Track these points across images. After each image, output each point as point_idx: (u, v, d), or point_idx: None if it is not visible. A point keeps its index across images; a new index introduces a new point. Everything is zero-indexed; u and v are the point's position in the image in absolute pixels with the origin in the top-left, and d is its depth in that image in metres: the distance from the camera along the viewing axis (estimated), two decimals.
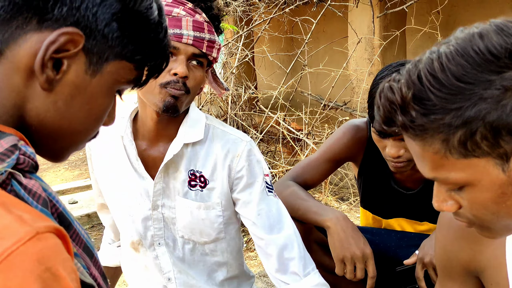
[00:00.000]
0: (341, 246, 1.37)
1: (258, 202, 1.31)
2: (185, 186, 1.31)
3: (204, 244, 1.36)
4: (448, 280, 0.97)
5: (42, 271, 0.50)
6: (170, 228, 1.35)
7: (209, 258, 1.39)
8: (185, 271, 1.38)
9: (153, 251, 1.38)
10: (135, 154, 1.31)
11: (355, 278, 1.39)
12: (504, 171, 0.64)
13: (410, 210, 1.62)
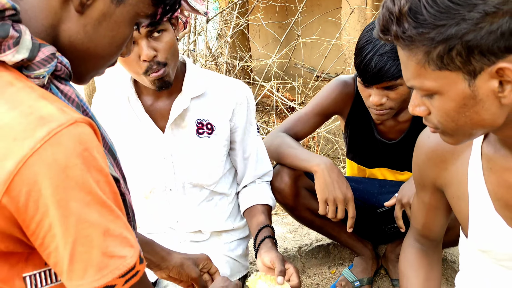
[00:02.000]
0: (326, 189, 1.51)
1: (251, 141, 1.50)
2: (194, 134, 1.44)
3: (211, 185, 1.50)
4: (421, 191, 1.11)
5: (82, 150, 0.63)
6: (180, 175, 1.47)
7: (215, 197, 1.53)
8: (192, 213, 1.52)
9: (163, 197, 1.50)
10: (142, 110, 1.42)
11: (336, 218, 1.53)
12: (469, 86, 0.76)
13: (392, 160, 1.76)
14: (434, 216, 1.14)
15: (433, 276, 1.16)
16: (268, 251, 1.33)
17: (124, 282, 0.68)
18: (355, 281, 1.81)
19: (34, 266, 0.71)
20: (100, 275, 0.66)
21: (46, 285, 0.72)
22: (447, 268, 1.85)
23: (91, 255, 0.65)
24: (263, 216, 1.46)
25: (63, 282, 0.67)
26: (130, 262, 0.68)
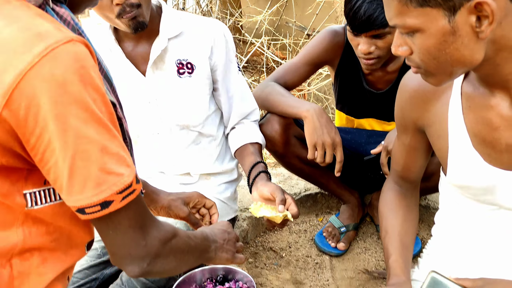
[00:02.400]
0: (314, 134, 1.54)
1: (234, 79, 1.53)
2: (175, 75, 1.46)
3: (198, 126, 1.53)
4: (403, 134, 1.15)
5: (79, 67, 0.65)
6: (166, 118, 1.50)
7: (202, 140, 1.56)
8: (180, 156, 1.55)
9: (152, 140, 1.54)
10: (123, 56, 1.45)
11: (324, 163, 1.57)
12: (449, 22, 0.79)
13: (380, 110, 1.80)
14: (414, 157, 1.19)
15: (411, 217, 1.22)
16: (266, 183, 1.38)
17: (121, 198, 0.71)
18: (341, 227, 1.88)
19: (34, 184, 0.74)
20: (99, 190, 0.69)
21: (46, 203, 0.75)
22: (429, 215, 1.93)
23: (90, 170, 0.68)
24: (255, 154, 1.50)
25: (63, 198, 0.71)
26: (127, 180, 0.71)
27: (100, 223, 0.74)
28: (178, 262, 0.87)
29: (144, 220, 0.78)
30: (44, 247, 0.78)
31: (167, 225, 0.85)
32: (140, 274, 0.79)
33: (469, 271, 1.09)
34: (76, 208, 0.71)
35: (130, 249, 0.76)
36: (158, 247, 0.80)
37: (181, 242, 0.87)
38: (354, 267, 1.76)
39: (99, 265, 1.45)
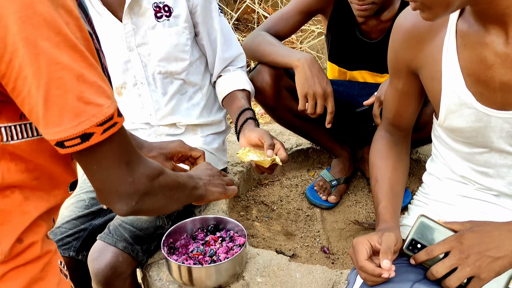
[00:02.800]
0: (306, 83, 1.51)
1: (215, 21, 1.48)
2: (153, 19, 1.42)
3: (181, 73, 1.49)
4: (395, 78, 1.13)
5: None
6: (148, 65, 1.47)
7: (188, 89, 1.53)
8: (165, 106, 1.52)
9: (136, 91, 1.50)
10: (99, 4, 1.40)
11: (315, 114, 1.55)
12: None
13: (373, 61, 1.76)
14: (406, 103, 1.17)
15: (401, 165, 1.21)
16: (253, 129, 1.36)
17: (102, 131, 0.68)
18: (332, 180, 1.88)
19: (9, 118, 0.71)
20: (77, 121, 0.66)
21: (22, 138, 0.72)
22: (420, 168, 1.93)
23: (66, 99, 0.65)
24: (243, 101, 1.47)
25: (41, 132, 0.68)
26: (107, 111, 0.68)
27: (82, 157, 0.71)
28: (168, 199, 0.85)
29: (130, 156, 0.75)
30: (25, 185, 0.75)
31: (154, 162, 0.82)
32: (129, 212, 0.77)
33: (458, 216, 1.09)
34: (55, 142, 0.68)
35: (116, 186, 0.74)
36: (146, 184, 0.77)
37: (169, 179, 0.85)
38: (344, 219, 1.77)
39: (87, 215, 1.43)
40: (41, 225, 0.79)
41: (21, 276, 0.76)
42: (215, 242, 1.35)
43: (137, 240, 1.32)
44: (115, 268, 1.26)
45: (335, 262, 1.56)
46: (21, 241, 0.76)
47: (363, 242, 0.99)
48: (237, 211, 1.82)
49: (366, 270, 0.96)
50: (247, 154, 1.31)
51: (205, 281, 1.25)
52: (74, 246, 1.38)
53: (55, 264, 0.83)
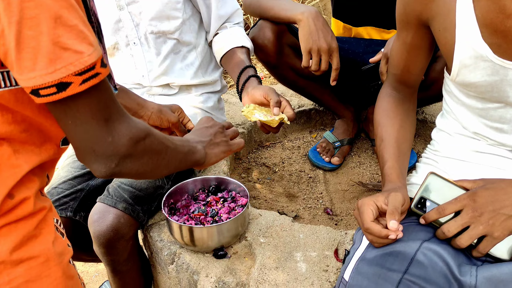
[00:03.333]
0: (310, 38, 1.44)
1: None
2: None
3: (174, 32, 1.42)
4: (404, 31, 1.07)
5: None
6: (140, 25, 1.40)
7: (182, 48, 1.46)
8: (158, 66, 1.46)
9: (129, 51, 1.44)
10: None
11: (319, 71, 1.48)
12: None
13: (379, 17, 1.69)
14: (415, 56, 1.11)
15: (408, 123, 1.16)
16: (257, 86, 1.30)
17: (81, 81, 0.62)
18: (335, 141, 1.83)
19: None
20: (53, 68, 0.60)
21: (5, 87, 0.66)
22: (426, 129, 1.88)
23: (40, 42, 0.59)
24: (242, 57, 1.40)
25: (16, 77, 0.62)
26: (88, 60, 0.62)
27: (57, 109, 0.65)
28: (155, 164, 0.79)
29: (110, 112, 0.68)
30: (14, 137, 0.70)
31: (140, 123, 0.75)
32: (108, 174, 0.71)
33: (471, 172, 1.04)
34: (30, 89, 0.62)
35: (93, 145, 0.68)
36: (128, 146, 0.70)
37: (157, 143, 0.78)
38: (348, 180, 1.73)
39: (83, 175, 1.39)
40: (33, 180, 0.75)
41: (13, 233, 0.72)
42: (216, 203, 1.32)
43: (137, 201, 1.29)
44: (117, 230, 1.23)
45: (339, 224, 1.53)
46: (12, 196, 0.72)
47: (369, 203, 0.95)
48: (238, 173, 1.78)
49: (373, 232, 0.92)
50: (252, 112, 1.25)
51: (206, 242, 1.22)
52: (71, 207, 1.35)
53: (50, 221, 0.79)
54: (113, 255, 1.26)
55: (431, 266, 0.90)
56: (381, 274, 0.92)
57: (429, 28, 1.02)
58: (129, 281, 1.35)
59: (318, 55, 1.45)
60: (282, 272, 1.15)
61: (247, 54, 1.44)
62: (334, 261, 1.17)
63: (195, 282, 1.20)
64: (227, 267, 1.20)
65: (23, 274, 0.73)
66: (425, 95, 1.57)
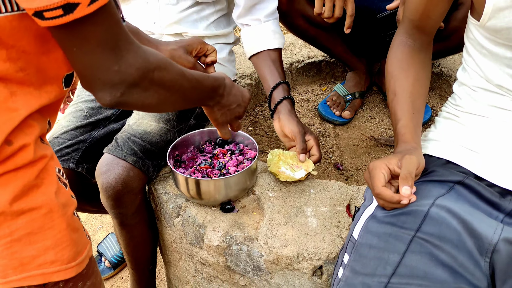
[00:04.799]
0: None
1: None
2: None
3: None
4: None
5: None
6: None
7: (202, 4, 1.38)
8: (172, 16, 1.38)
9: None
10: None
11: (332, 18, 1.39)
12: None
13: None
14: (437, 0, 1.03)
15: (423, 76, 1.08)
16: (289, 119, 1.27)
17: (89, 2, 0.57)
18: (347, 95, 1.77)
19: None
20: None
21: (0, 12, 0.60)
22: (441, 82, 1.81)
23: None
24: (275, 67, 1.35)
25: None
26: None
27: (62, 34, 0.60)
28: (162, 98, 0.74)
29: (118, 40, 0.64)
30: (10, 77, 0.65)
31: (152, 54, 0.70)
32: (113, 103, 0.67)
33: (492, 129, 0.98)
34: (33, 11, 0.56)
35: (99, 73, 0.64)
36: (135, 76, 0.66)
37: (169, 78, 0.73)
38: (359, 135, 1.68)
39: (85, 126, 1.34)
40: (33, 125, 0.70)
41: (12, 182, 0.68)
42: (223, 156, 1.27)
43: (147, 155, 1.24)
44: (126, 183, 1.19)
45: (349, 179, 1.49)
46: (10, 143, 0.67)
47: (381, 166, 0.90)
48: (245, 126, 1.73)
49: (384, 197, 0.88)
50: (278, 165, 1.24)
51: (214, 195, 1.18)
52: (74, 158, 1.30)
53: (52, 171, 0.74)
54: (121, 208, 1.23)
55: (445, 223, 0.87)
56: (392, 232, 0.89)
57: None
58: (136, 234, 1.33)
59: (332, 1, 1.36)
60: (292, 227, 1.11)
61: (279, 59, 1.38)
62: (346, 217, 1.13)
63: (201, 235, 1.17)
64: (235, 221, 1.17)
65: (25, 225, 0.69)
66: (444, 46, 1.49)
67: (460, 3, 1.41)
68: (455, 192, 0.94)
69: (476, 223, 0.86)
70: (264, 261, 1.09)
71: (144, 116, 1.28)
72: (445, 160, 0.99)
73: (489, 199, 0.93)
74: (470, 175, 0.95)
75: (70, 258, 0.74)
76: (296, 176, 1.22)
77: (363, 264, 0.89)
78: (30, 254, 0.70)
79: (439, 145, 1.02)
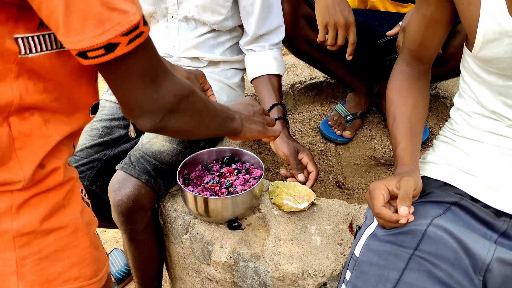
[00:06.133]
0: (326, 12, 1.42)
1: None
2: None
3: (214, 24, 1.43)
4: (424, 3, 1.04)
5: None
6: (183, 5, 1.40)
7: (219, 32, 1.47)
8: (191, 41, 1.46)
9: (165, 23, 1.44)
10: None
11: (335, 46, 1.47)
12: None
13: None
14: (434, 31, 1.09)
15: (421, 102, 1.14)
16: (281, 142, 1.37)
17: (128, 41, 0.62)
18: (347, 115, 1.83)
19: (26, 28, 0.64)
20: (102, 30, 0.60)
21: (41, 51, 0.66)
22: (438, 104, 1.87)
23: (89, 4, 0.58)
24: (273, 91, 1.43)
25: (61, 39, 0.62)
26: (133, 19, 0.61)
27: (105, 70, 0.66)
28: (196, 123, 0.80)
29: (156, 70, 0.69)
30: (45, 107, 0.70)
31: (183, 81, 0.76)
32: (153, 129, 0.73)
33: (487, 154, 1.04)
34: (77, 52, 0.62)
35: (141, 102, 0.69)
36: (172, 102, 0.72)
37: (199, 101, 0.80)
38: (359, 154, 1.74)
39: (101, 144, 1.39)
40: (62, 150, 0.75)
41: (43, 203, 0.73)
42: (230, 174, 1.33)
43: (159, 174, 1.29)
44: (137, 200, 1.24)
45: (351, 197, 1.54)
46: (43, 167, 0.72)
47: (380, 187, 0.95)
48: (249, 145, 1.79)
49: (383, 216, 0.93)
50: (281, 197, 1.29)
51: (221, 213, 1.23)
52: (89, 176, 1.36)
53: (77, 191, 0.79)
54: (131, 224, 1.28)
55: (441, 242, 0.91)
56: (391, 251, 0.93)
57: (451, 1, 0.99)
58: (145, 250, 1.38)
59: (335, 30, 1.43)
60: (297, 245, 1.17)
61: (278, 85, 1.47)
62: (348, 235, 1.19)
63: (209, 252, 1.22)
64: (242, 239, 1.22)
65: (53, 243, 0.74)
66: (442, 71, 1.56)
67: (457, 31, 1.48)
68: (452, 213, 0.99)
69: (471, 242, 0.91)
70: (270, 277, 1.14)
71: (157, 136, 1.34)
72: (443, 182, 1.05)
73: (484, 219, 0.98)
74: (466, 197, 1.01)
75: (92, 275, 0.79)
76: (300, 207, 1.26)
77: (364, 281, 0.94)
78: (56, 270, 0.75)
79: (437, 168, 1.08)
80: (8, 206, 0.70)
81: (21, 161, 0.69)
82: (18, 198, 0.71)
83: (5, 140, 0.68)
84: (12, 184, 0.70)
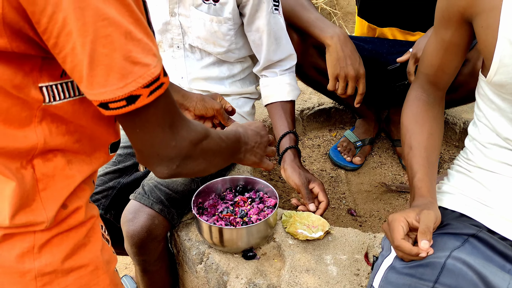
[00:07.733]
0: (337, 65, 1.46)
1: (265, 18, 1.40)
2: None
3: (218, 54, 1.45)
4: (443, 28, 1.06)
5: None
6: (188, 36, 1.43)
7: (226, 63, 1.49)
8: (199, 72, 1.47)
9: (171, 53, 1.47)
10: None
11: (345, 95, 1.50)
12: None
13: (405, 18, 1.68)
14: (451, 56, 1.09)
15: (437, 130, 1.15)
16: (292, 171, 1.39)
17: (149, 93, 0.63)
18: (357, 141, 1.84)
19: (50, 77, 0.66)
20: (124, 83, 0.61)
21: (64, 98, 0.67)
22: (447, 130, 1.88)
23: (113, 59, 0.60)
24: (285, 117, 1.46)
25: (83, 90, 0.63)
26: (154, 71, 0.63)
27: (125, 120, 0.67)
28: (208, 163, 0.82)
29: (174, 118, 0.71)
30: (67, 148, 0.71)
31: (199, 125, 0.77)
32: (169, 175, 0.74)
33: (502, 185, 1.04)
34: (99, 103, 0.63)
35: (158, 150, 0.70)
36: (189, 148, 0.73)
37: (212, 144, 0.81)
38: (370, 181, 1.74)
39: (114, 172, 1.40)
40: (84, 189, 0.76)
41: (65, 242, 0.73)
42: (244, 203, 1.33)
43: (173, 203, 1.30)
44: (150, 231, 1.24)
45: (363, 225, 1.54)
46: (66, 207, 0.73)
47: (400, 219, 0.95)
48: (260, 171, 1.79)
49: (403, 249, 0.93)
50: (295, 226, 1.29)
51: (236, 243, 1.23)
52: (103, 204, 1.36)
53: (98, 229, 0.80)
54: (144, 255, 1.28)
55: (461, 274, 0.91)
56: (411, 284, 0.93)
57: (471, 25, 1.00)
58: (158, 280, 1.37)
59: (345, 81, 1.47)
60: (313, 275, 1.16)
61: (291, 111, 1.50)
62: (364, 265, 1.18)
63: (224, 282, 1.22)
64: (257, 269, 1.21)
65: (74, 282, 0.74)
66: (451, 98, 1.56)
67: (467, 59, 1.50)
68: (470, 245, 0.99)
69: (490, 275, 0.91)
70: None
71: None
72: (459, 213, 1.05)
73: (502, 251, 0.98)
74: (483, 228, 1.01)
75: None
76: (315, 236, 1.26)
77: None
78: None
79: (453, 198, 1.08)
80: (30, 246, 0.70)
81: (45, 203, 0.70)
82: (40, 238, 0.71)
83: (29, 182, 0.69)
84: (36, 225, 0.70)
